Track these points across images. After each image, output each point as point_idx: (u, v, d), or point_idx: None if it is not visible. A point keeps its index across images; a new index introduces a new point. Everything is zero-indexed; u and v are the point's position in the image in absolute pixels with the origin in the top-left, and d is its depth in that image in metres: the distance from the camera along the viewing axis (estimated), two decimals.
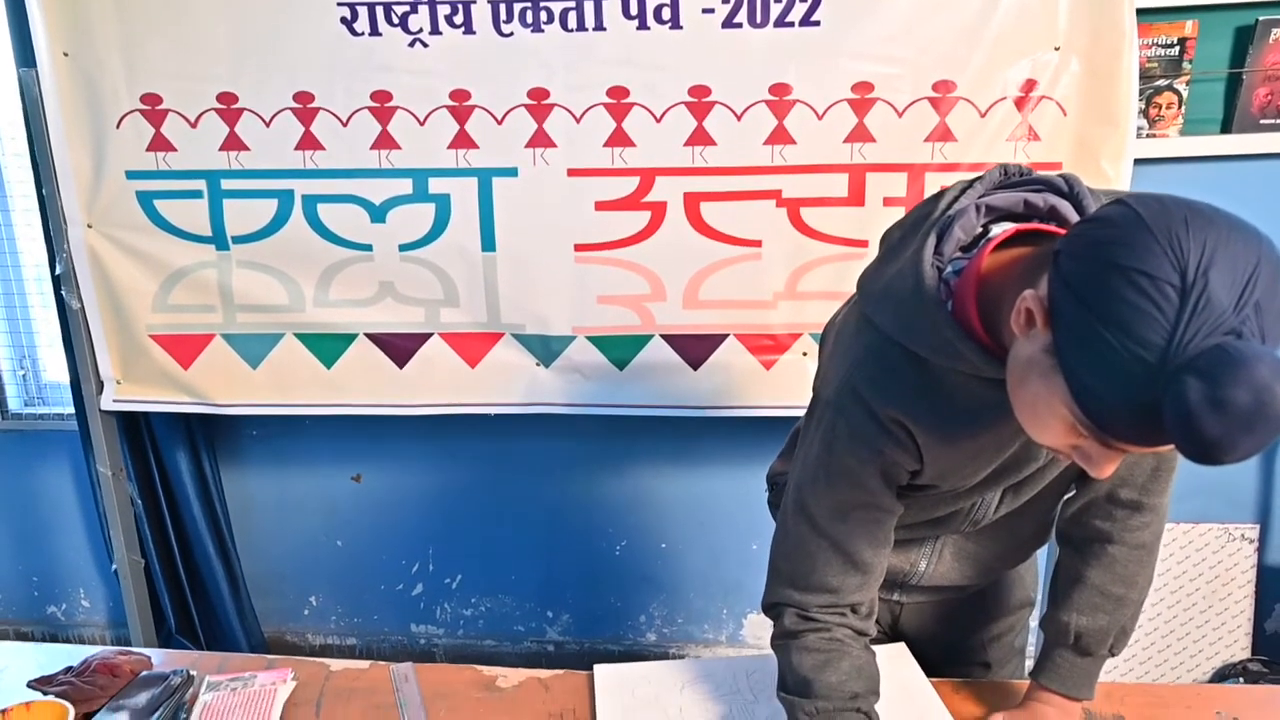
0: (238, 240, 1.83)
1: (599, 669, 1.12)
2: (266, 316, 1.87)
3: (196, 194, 1.81)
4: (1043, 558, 1.21)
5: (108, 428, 2.01)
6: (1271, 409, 0.53)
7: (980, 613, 1.18)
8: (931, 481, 0.89)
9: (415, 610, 2.38)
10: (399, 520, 2.29)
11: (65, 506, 2.38)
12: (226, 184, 1.80)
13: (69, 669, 1.08)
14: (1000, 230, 0.77)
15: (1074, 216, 0.75)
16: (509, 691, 1.10)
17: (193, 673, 1.09)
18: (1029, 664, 1.10)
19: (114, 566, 2.14)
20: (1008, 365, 0.71)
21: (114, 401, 1.96)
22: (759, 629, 2.28)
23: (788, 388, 1.81)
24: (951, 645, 1.18)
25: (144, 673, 1.09)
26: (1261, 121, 1.85)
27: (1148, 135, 1.85)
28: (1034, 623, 1.28)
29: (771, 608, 0.97)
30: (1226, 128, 1.87)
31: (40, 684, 1.05)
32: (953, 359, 0.77)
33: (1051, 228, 0.76)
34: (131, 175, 1.80)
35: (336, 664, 1.15)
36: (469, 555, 2.32)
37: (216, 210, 1.81)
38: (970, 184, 0.80)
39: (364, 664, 1.16)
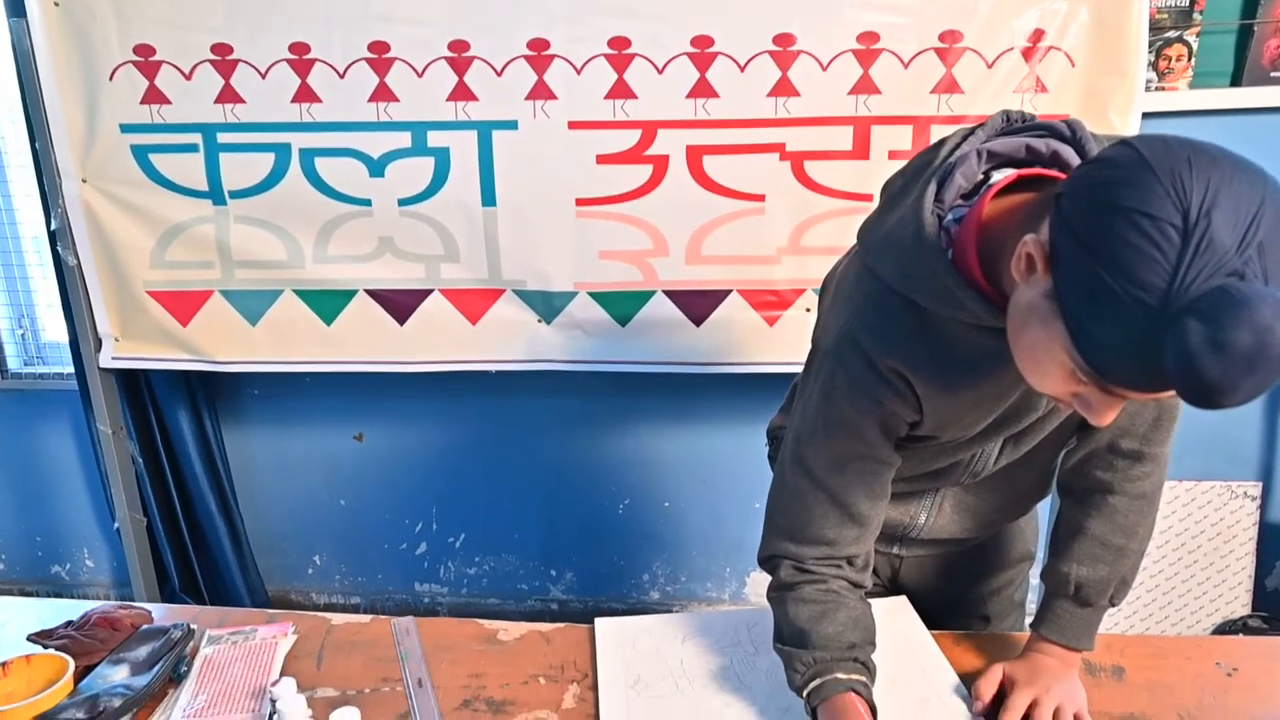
0: (235, 195, 1.80)
1: (600, 622, 1.12)
2: (265, 273, 1.86)
3: (192, 148, 1.78)
4: (1044, 512, 1.21)
5: (107, 386, 2.00)
6: (1273, 350, 0.52)
7: (980, 566, 1.18)
8: (931, 432, 0.88)
9: (419, 569, 2.39)
10: (402, 479, 2.30)
11: (67, 466, 2.38)
12: (222, 137, 1.77)
13: (69, 623, 1.08)
14: (1001, 176, 0.75)
15: (1077, 162, 0.73)
16: (510, 644, 1.10)
17: (193, 626, 1.09)
18: (1029, 618, 1.10)
19: (116, 525, 2.15)
20: (1008, 312, 0.70)
21: (112, 359, 1.96)
22: (762, 587, 2.25)
23: (791, 344, 1.80)
24: (951, 598, 1.18)
25: (144, 626, 1.08)
26: (1272, 74, 1.82)
27: (1157, 88, 1.82)
28: (1035, 579, 1.28)
29: (768, 560, 0.97)
30: (1237, 80, 1.83)
31: (40, 638, 1.05)
32: (953, 308, 0.76)
33: (1054, 173, 0.75)
34: (126, 129, 1.78)
35: (338, 618, 1.15)
36: (472, 514, 2.33)
37: (213, 164, 1.79)
38: (972, 131, 0.78)
39: (365, 618, 1.16)
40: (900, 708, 0.92)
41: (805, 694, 0.89)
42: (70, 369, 2.11)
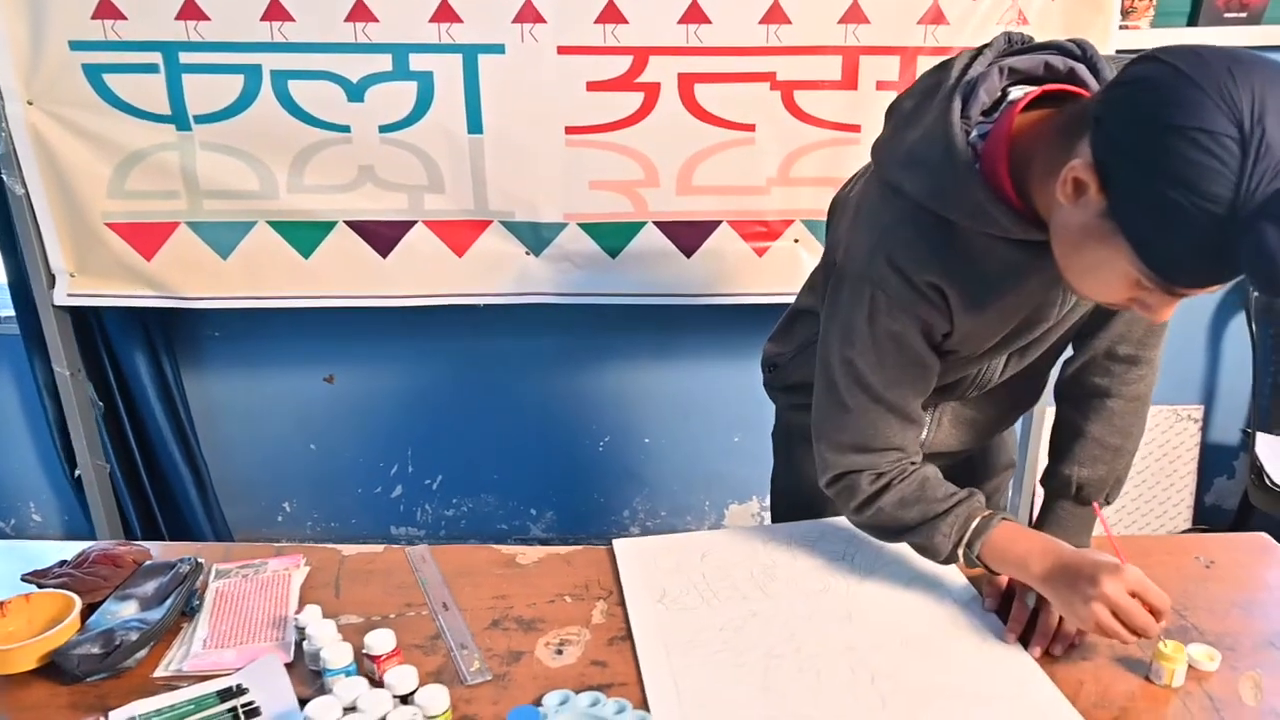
0: (200, 120, 1.70)
1: (618, 543, 1.12)
2: (236, 203, 1.77)
3: (152, 68, 1.66)
4: (1020, 420, 1.26)
5: (62, 325, 1.89)
6: None
7: (968, 477, 1.22)
8: (954, 346, 0.92)
9: (394, 513, 2.36)
10: (376, 421, 2.24)
11: (7, 416, 2.24)
12: (185, 57, 1.66)
13: (63, 563, 1.03)
14: (1021, 93, 0.78)
15: (1090, 79, 0.78)
16: (530, 567, 1.10)
17: (200, 560, 1.05)
18: None
19: (77, 473, 2.05)
20: (1054, 233, 0.73)
21: (68, 296, 1.84)
22: (740, 519, 2.34)
23: (779, 275, 1.82)
24: None
25: (147, 562, 1.04)
26: (1225, 15, 1.89)
27: (1121, 26, 1.86)
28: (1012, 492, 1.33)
29: (840, 478, 0.99)
30: (1193, 20, 1.90)
31: (35, 577, 1.00)
32: (984, 222, 0.78)
33: (1073, 88, 0.78)
34: (76, 46, 1.65)
35: (349, 549, 1.13)
36: (449, 455, 2.30)
37: (175, 86, 1.68)
38: (979, 51, 0.81)
39: (378, 547, 1.14)
40: (923, 607, 0.98)
41: (965, 545, 0.92)
42: (9, 311, 1.98)
